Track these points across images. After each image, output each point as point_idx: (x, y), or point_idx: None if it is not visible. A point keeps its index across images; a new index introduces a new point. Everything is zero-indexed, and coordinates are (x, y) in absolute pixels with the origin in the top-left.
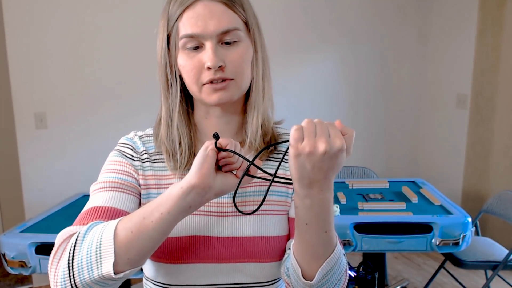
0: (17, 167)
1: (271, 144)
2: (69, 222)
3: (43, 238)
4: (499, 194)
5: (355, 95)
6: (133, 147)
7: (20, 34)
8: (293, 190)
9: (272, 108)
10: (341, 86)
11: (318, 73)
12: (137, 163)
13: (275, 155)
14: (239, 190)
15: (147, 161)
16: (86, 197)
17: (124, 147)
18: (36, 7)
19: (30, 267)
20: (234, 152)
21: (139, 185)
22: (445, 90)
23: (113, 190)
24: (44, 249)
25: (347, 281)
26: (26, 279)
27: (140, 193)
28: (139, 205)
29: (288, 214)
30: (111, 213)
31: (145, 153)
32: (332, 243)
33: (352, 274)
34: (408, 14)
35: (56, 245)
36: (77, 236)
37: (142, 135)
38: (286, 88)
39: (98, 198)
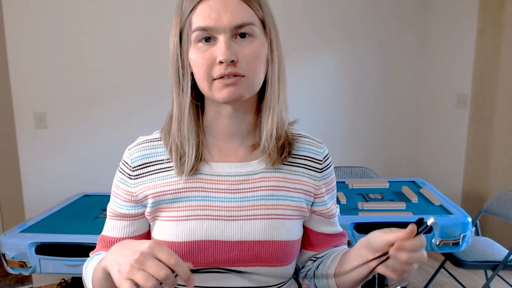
0: (17, 167)
1: None
2: (69, 222)
3: (43, 238)
4: (499, 194)
5: (355, 95)
6: (128, 164)
7: (20, 34)
8: (313, 201)
9: (287, 110)
10: (341, 86)
11: (318, 73)
12: (133, 181)
13: (291, 159)
14: (251, 194)
15: (146, 174)
16: (86, 197)
17: (122, 164)
18: (36, 7)
19: (30, 267)
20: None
21: (141, 201)
22: (445, 90)
23: (116, 219)
24: (44, 249)
25: None
26: (26, 279)
27: (143, 212)
28: (152, 213)
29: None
30: (113, 243)
31: (144, 166)
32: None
33: None
34: (408, 14)
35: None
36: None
37: (146, 141)
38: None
39: (106, 225)
